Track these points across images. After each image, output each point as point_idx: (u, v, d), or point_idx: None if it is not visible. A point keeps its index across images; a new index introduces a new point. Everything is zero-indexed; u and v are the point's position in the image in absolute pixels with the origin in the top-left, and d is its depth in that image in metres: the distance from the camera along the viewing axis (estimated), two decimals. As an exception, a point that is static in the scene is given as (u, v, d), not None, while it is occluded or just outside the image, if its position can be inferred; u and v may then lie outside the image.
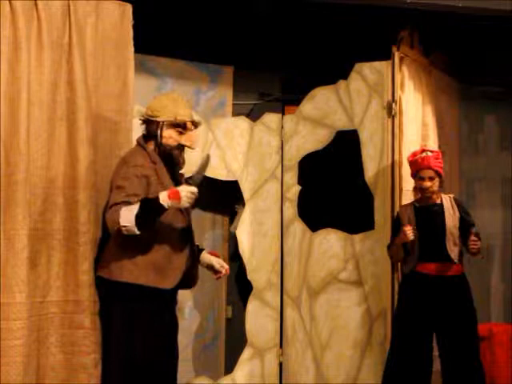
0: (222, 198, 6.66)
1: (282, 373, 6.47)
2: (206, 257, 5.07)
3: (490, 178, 7.24)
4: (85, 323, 4.86)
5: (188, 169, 5.64)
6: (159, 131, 4.80)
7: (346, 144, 6.33)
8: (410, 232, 5.48)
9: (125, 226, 4.55)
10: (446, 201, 5.69)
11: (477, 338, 5.62)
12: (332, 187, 6.84)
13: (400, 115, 6.03)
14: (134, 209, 4.55)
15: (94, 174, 4.91)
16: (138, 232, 4.56)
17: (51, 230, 4.81)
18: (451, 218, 5.63)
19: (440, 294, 5.56)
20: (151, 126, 4.84)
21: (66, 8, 4.91)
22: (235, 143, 6.51)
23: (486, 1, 5.84)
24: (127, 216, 4.54)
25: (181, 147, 4.88)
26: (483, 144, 7.33)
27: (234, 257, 6.71)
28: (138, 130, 5.03)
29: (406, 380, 5.57)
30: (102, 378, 4.86)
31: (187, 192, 4.61)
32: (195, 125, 4.94)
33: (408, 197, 5.99)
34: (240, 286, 6.72)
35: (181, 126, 4.85)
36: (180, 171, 4.96)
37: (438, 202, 5.68)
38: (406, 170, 6.03)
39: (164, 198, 4.56)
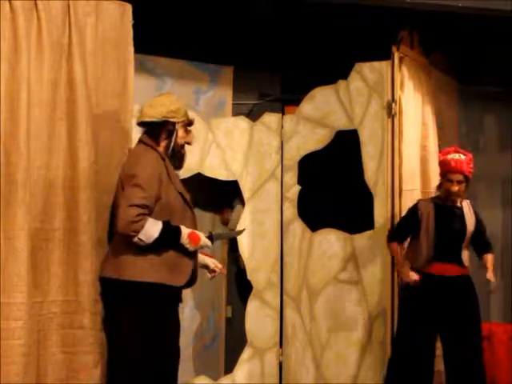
0: (222, 198, 6.66)
1: (281, 373, 6.48)
2: (200, 257, 5.11)
3: (489, 178, 7.23)
4: (85, 323, 4.85)
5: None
6: (175, 132, 4.88)
7: (345, 144, 6.33)
8: (414, 278, 5.55)
9: (140, 239, 4.64)
10: (465, 205, 5.71)
11: (481, 339, 5.63)
12: (332, 187, 6.84)
13: (400, 115, 6.03)
14: (156, 230, 4.65)
15: (94, 173, 4.90)
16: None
17: (51, 230, 4.81)
18: (470, 223, 5.66)
19: (445, 294, 5.56)
20: (164, 127, 4.87)
21: (65, 8, 4.90)
22: (235, 143, 6.51)
23: (486, 1, 5.84)
24: (148, 233, 4.63)
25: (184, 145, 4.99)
26: (483, 144, 7.33)
27: (234, 257, 6.71)
28: (138, 129, 5.03)
29: (408, 380, 5.57)
30: (108, 377, 4.86)
31: (204, 244, 4.86)
32: None
33: (408, 197, 6.00)
34: (240, 286, 6.72)
35: (189, 125, 4.97)
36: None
37: (459, 204, 5.69)
38: (406, 170, 6.03)
39: (184, 235, 4.75)
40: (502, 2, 5.83)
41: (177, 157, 4.92)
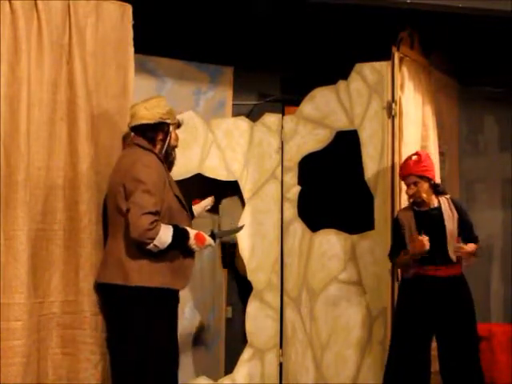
0: (222, 198, 6.66)
1: (281, 373, 6.48)
2: (197, 208, 5.31)
3: (489, 178, 7.24)
4: (85, 324, 4.86)
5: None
6: (169, 134, 4.93)
7: (346, 144, 6.33)
8: (426, 242, 5.43)
9: (155, 245, 4.67)
10: (444, 203, 5.65)
11: (476, 339, 5.62)
12: (332, 187, 6.84)
13: (400, 116, 6.02)
14: (168, 235, 4.70)
15: (94, 174, 4.91)
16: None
17: (51, 231, 4.81)
18: (450, 221, 5.60)
19: (439, 295, 5.55)
20: (160, 129, 4.89)
21: (65, 8, 4.91)
22: (235, 144, 6.50)
23: (486, 1, 5.84)
24: (162, 239, 4.68)
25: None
26: (483, 145, 7.33)
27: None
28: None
29: (406, 380, 5.56)
30: (112, 379, 4.85)
31: (209, 244, 4.95)
32: None
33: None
34: (240, 287, 6.72)
35: (178, 128, 5.03)
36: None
37: (436, 205, 5.64)
38: (406, 171, 6.03)
39: (192, 236, 4.83)
40: (501, 2, 5.83)
41: (167, 160, 4.95)
